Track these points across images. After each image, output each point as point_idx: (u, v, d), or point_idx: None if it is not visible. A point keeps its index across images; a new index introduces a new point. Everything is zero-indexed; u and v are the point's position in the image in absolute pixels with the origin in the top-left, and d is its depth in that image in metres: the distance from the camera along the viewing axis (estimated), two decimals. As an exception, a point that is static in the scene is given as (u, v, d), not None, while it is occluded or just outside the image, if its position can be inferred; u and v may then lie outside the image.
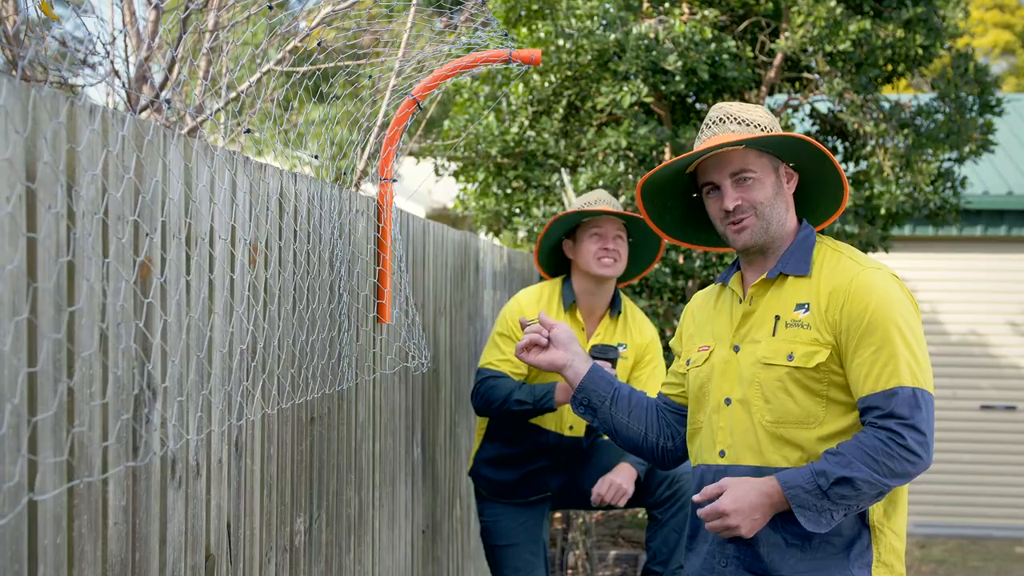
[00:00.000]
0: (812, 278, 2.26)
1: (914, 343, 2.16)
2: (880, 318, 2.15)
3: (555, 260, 3.77)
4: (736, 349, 2.30)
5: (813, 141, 2.25)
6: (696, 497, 2.22)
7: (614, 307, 3.63)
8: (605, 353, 3.32)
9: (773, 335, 2.25)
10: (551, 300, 3.62)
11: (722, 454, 2.28)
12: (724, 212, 2.29)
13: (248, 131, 2.73)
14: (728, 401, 2.29)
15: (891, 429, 2.10)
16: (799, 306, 2.24)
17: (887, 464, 2.09)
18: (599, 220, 3.56)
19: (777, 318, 2.26)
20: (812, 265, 2.28)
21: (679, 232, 2.54)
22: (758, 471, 2.22)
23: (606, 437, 3.72)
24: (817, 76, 6.53)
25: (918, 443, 2.10)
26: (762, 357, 2.24)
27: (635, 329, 3.67)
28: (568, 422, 3.56)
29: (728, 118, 2.31)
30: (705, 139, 2.33)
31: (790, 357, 2.21)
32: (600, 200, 3.61)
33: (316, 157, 2.68)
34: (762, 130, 2.28)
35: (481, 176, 6.80)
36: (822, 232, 2.43)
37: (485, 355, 3.57)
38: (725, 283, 2.41)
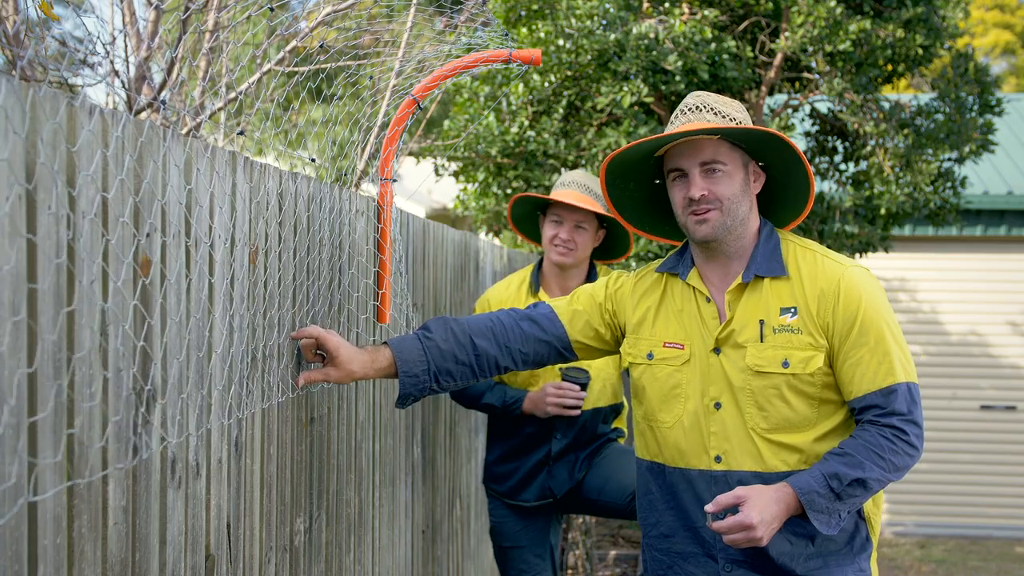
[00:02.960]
0: (792, 279, 2.23)
1: (899, 337, 2.21)
2: (872, 317, 2.17)
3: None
4: (717, 352, 2.26)
5: (789, 141, 2.20)
6: (709, 507, 2.11)
7: (589, 281, 3.57)
8: (576, 378, 3.32)
9: (761, 341, 2.21)
10: (520, 287, 3.59)
11: (718, 459, 2.25)
12: (688, 200, 2.22)
13: (241, 133, 2.73)
14: (718, 405, 2.25)
15: (895, 426, 2.15)
16: (784, 310, 2.21)
17: (892, 460, 2.14)
18: (559, 206, 3.46)
19: (762, 323, 2.22)
20: (787, 266, 2.25)
21: (636, 218, 2.47)
22: (759, 476, 2.21)
23: (622, 441, 3.72)
24: (817, 76, 6.53)
25: (917, 437, 2.17)
26: (753, 364, 2.21)
27: None
28: None
29: (705, 107, 2.26)
30: (679, 124, 2.26)
31: (785, 364, 2.19)
32: (573, 183, 3.50)
33: (314, 160, 2.68)
34: (737, 124, 2.23)
35: (481, 176, 6.79)
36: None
37: None
38: (680, 276, 2.34)
